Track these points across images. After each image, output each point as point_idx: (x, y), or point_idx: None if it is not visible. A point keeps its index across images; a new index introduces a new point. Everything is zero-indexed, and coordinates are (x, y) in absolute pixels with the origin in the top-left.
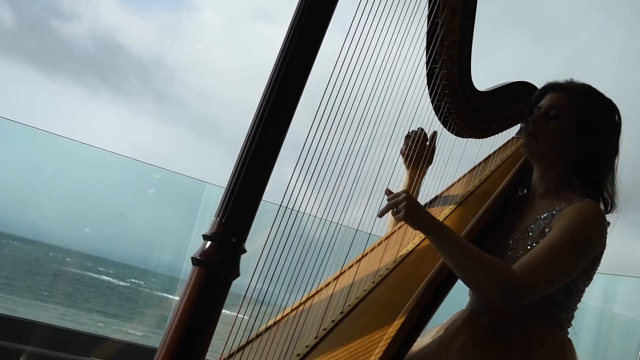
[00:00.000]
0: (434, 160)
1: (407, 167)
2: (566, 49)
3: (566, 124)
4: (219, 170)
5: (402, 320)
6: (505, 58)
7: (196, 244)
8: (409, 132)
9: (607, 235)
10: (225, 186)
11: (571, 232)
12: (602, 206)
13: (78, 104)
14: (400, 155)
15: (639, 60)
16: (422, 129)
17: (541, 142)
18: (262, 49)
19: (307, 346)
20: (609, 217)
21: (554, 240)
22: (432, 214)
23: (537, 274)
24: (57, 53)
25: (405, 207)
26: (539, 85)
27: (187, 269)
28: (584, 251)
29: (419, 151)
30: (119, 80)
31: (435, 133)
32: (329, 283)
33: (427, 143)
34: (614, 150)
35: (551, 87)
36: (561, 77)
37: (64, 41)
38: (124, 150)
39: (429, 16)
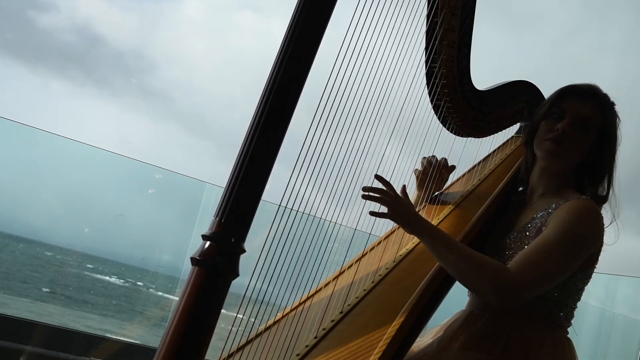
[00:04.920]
0: (442, 187)
1: (417, 187)
2: (541, 38)
3: (592, 137)
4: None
5: (401, 320)
6: (480, 45)
7: (196, 244)
8: (429, 156)
9: (605, 234)
10: (224, 186)
11: (566, 231)
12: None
13: (64, 98)
14: (413, 173)
15: (617, 51)
16: (445, 159)
17: (568, 152)
18: (247, 40)
19: (306, 346)
20: (608, 219)
21: (548, 239)
22: (432, 213)
23: (531, 274)
24: (38, 45)
25: (396, 207)
26: (523, 77)
27: (186, 269)
28: (578, 250)
29: (432, 177)
30: (103, 74)
31: (453, 167)
32: (329, 283)
33: (443, 171)
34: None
35: (578, 93)
36: (536, 65)
37: (43, 33)
38: (113, 146)
39: (428, 15)
